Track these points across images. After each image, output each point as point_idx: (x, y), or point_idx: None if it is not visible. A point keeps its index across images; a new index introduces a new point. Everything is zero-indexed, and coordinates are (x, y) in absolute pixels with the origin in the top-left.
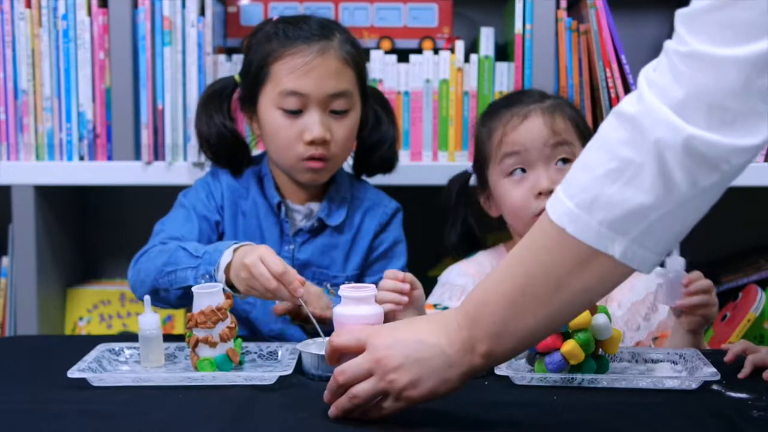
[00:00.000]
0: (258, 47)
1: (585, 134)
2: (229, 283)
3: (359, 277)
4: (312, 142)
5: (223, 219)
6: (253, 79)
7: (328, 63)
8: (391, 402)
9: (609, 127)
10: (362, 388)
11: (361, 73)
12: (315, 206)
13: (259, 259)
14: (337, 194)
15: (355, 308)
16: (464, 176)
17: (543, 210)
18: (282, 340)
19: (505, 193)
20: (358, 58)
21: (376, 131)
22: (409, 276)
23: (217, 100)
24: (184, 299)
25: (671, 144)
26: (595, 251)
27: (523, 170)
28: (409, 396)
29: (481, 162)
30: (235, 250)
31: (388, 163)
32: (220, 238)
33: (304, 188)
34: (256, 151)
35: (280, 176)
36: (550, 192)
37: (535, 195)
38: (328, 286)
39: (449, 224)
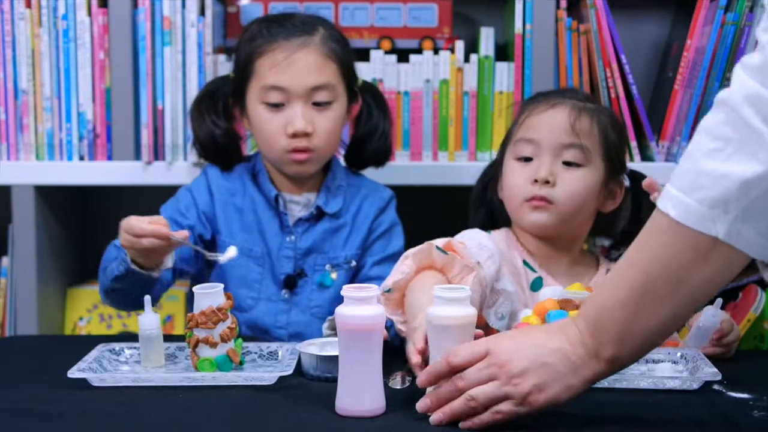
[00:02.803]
0: (244, 45)
1: (612, 149)
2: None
3: (359, 258)
4: (294, 135)
5: (210, 221)
6: (240, 76)
7: (308, 57)
8: (511, 406)
9: (707, 116)
10: (482, 391)
11: (345, 67)
12: (312, 196)
13: (124, 228)
14: (333, 182)
15: (358, 308)
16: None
17: (533, 197)
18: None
19: (508, 174)
20: (341, 53)
21: (367, 123)
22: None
23: (209, 99)
24: (122, 296)
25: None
26: (711, 240)
27: (531, 159)
28: (533, 401)
29: (505, 139)
30: None
31: (380, 155)
32: (213, 237)
33: (299, 180)
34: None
35: (275, 170)
36: (545, 182)
37: (531, 181)
38: (328, 267)
39: (474, 206)
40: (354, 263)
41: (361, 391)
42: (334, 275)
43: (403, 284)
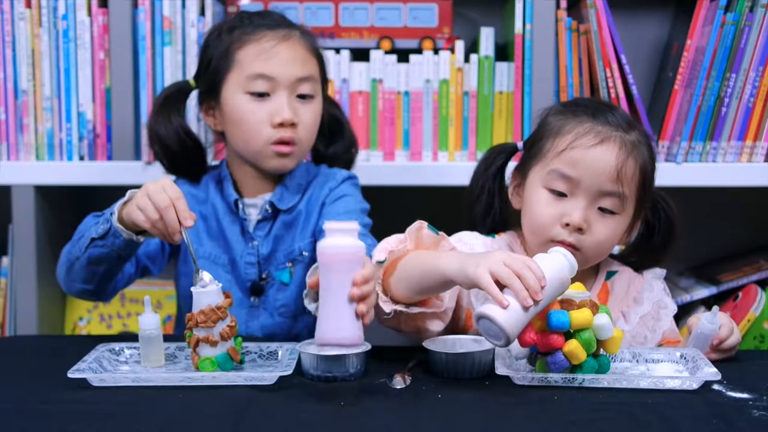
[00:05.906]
0: (218, 40)
1: (646, 192)
2: (121, 221)
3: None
4: (281, 125)
5: None
6: (215, 69)
7: (294, 48)
8: None
9: None
10: None
11: (322, 67)
12: (268, 196)
13: (161, 186)
14: (291, 181)
15: (338, 239)
16: (511, 149)
17: (561, 242)
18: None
19: (535, 202)
20: (319, 51)
21: (334, 141)
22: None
23: (174, 101)
24: (87, 269)
25: None
26: None
27: (565, 194)
28: None
29: (534, 149)
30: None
31: (347, 163)
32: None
33: (263, 180)
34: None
35: (239, 170)
36: (578, 229)
37: (562, 224)
38: (288, 264)
39: (479, 196)
40: (306, 253)
41: (341, 320)
42: (293, 270)
43: (397, 256)
